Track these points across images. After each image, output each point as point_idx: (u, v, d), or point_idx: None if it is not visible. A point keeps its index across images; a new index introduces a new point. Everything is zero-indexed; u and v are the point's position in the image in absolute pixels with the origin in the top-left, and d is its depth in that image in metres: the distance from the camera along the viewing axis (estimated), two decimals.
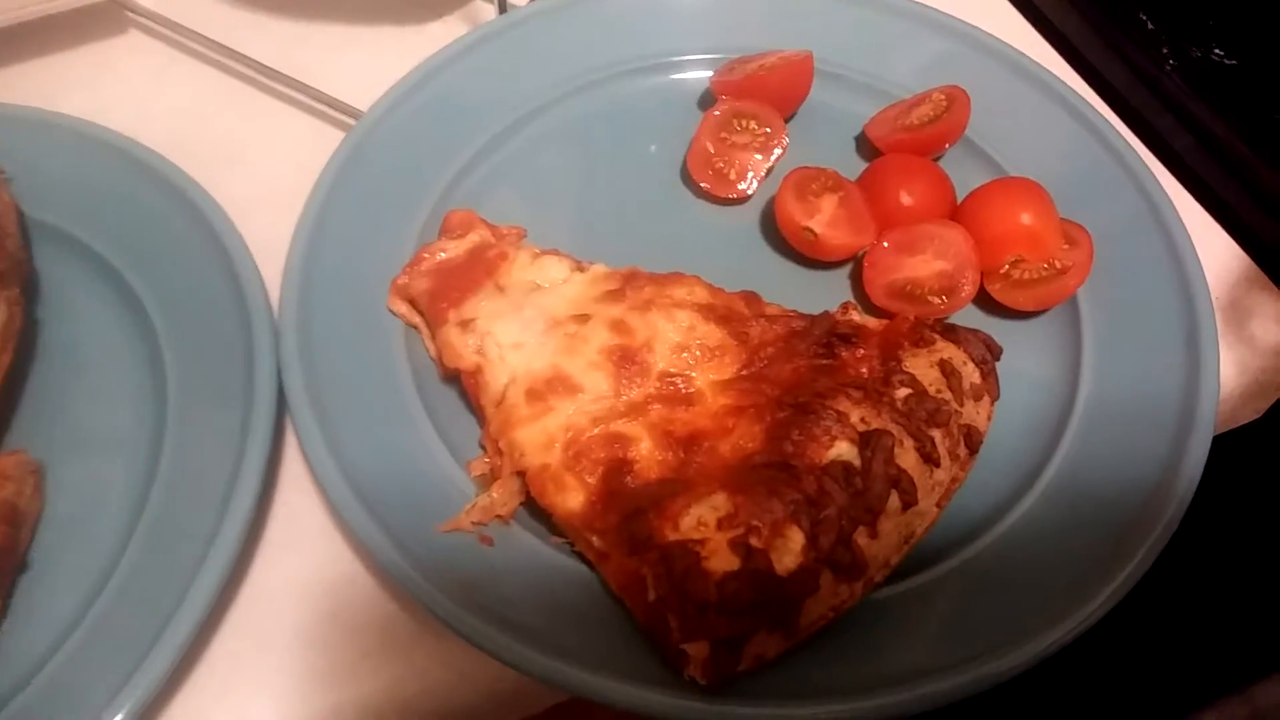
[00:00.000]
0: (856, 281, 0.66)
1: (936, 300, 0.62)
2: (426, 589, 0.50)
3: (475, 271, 0.61)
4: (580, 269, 0.62)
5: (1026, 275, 0.63)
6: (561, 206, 0.70)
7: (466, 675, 0.55)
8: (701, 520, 0.48)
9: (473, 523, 0.54)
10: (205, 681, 0.53)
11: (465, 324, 0.59)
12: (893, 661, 0.50)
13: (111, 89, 0.79)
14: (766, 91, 0.70)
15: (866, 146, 0.73)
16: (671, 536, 0.48)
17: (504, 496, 0.55)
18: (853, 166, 0.71)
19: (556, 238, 0.67)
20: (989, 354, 0.58)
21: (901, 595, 0.52)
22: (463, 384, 0.59)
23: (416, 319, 0.63)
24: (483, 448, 0.58)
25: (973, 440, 0.55)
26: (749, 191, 0.70)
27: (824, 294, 0.66)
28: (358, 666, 0.55)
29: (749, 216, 0.70)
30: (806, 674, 0.49)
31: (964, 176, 0.69)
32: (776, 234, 0.68)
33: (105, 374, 0.61)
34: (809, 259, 0.67)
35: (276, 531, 0.58)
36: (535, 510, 0.56)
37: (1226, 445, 0.63)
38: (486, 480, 0.57)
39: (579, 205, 0.71)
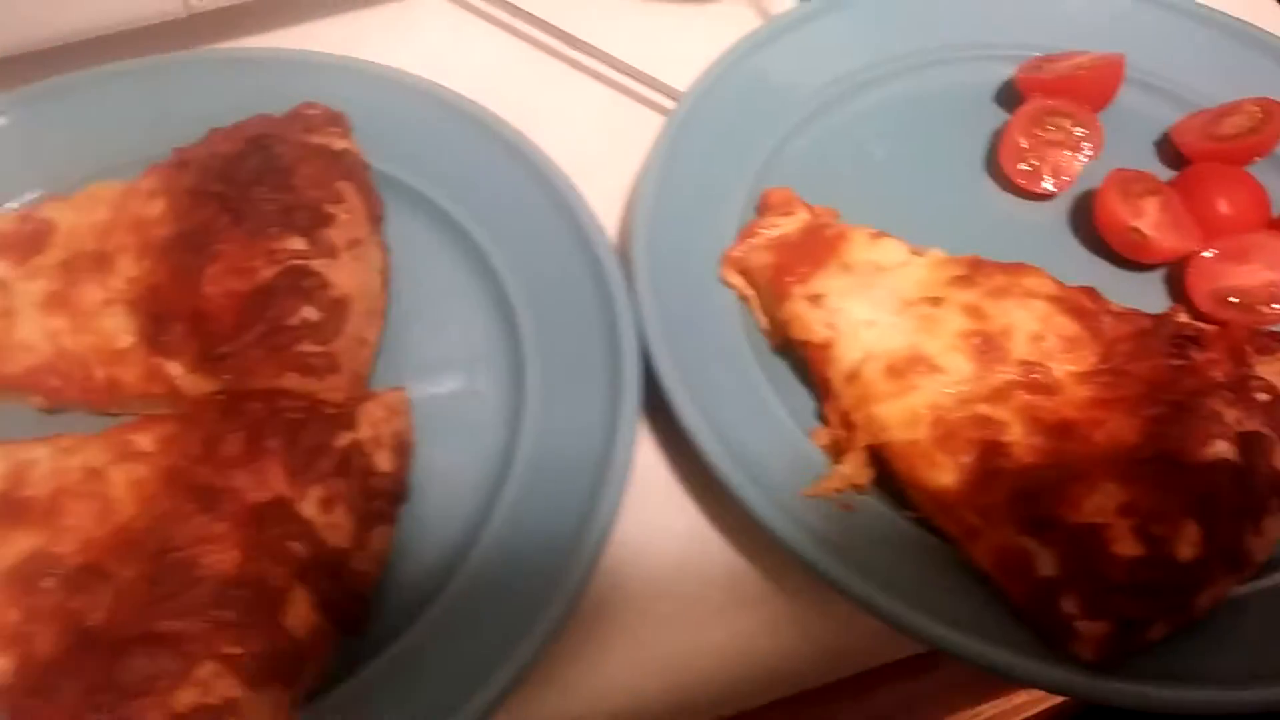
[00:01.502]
0: (1171, 285, 0.68)
1: (1267, 309, 0.63)
2: (808, 546, 0.52)
3: (819, 249, 0.63)
4: (916, 253, 0.63)
5: None
6: (866, 190, 0.72)
7: (812, 634, 0.57)
8: (1102, 506, 0.50)
9: (834, 489, 0.56)
10: (570, 624, 0.55)
11: (815, 299, 0.61)
12: (1252, 656, 0.52)
13: (406, 48, 0.81)
14: (1078, 91, 0.72)
15: (1166, 152, 0.74)
16: (1074, 519, 0.50)
17: (857, 468, 0.57)
18: (1151, 171, 0.72)
19: (861, 221, 0.68)
20: None
21: (1259, 592, 0.54)
22: (805, 357, 0.61)
23: (749, 291, 0.65)
24: (821, 419, 0.61)
25: None
26: (1059, 189, 0.71)
27: (1135, 296, 0.66)
28: (711, 618, 0.57)
29: (1053, 213, 0.72)
30: (1175, 659, 0.51)
31: (1273, 191, 0.69)
32: (1085, 232, 0.69)
33: (457, 323, 0.64)
34: (1118, 260, 0.69)
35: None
36: (882, 483, 0.58)
37: None
38: (831, 450, 0.59)
39: (883, 189, 0.72)
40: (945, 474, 0.54)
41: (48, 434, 0.57)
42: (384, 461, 0.55)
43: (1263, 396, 0.56)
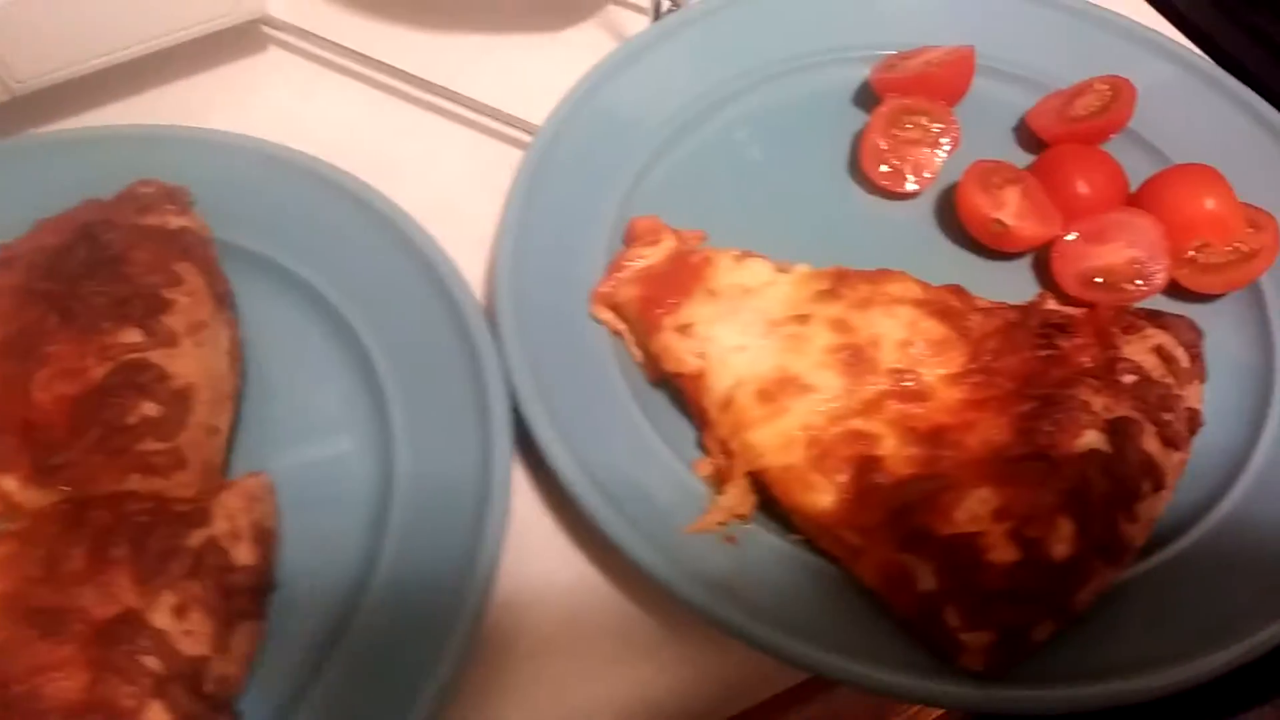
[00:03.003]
0: (1039, 272, 0.68)
1: (1131, 286, 0.63)
2: (692, 588, 0.51)
3: (684, 277, 0.62)
4: (782, 270, 0.62)
5: (1213, 259, 0.64)
6: (732, 208, 0.71)
7: (710, 672, 0.56)
8: (975, 514, 0.49)
9: (717, 523, 0.55)
10: (462, 691, 0.54)
11: (684, 329, 0.59)
12: (1128, 647, 0.51)
13: (256, 108, 0.79)
14: (932, 87, 0.72)
15: (1025, 137, 0.74)
16: (947, 531, 0.49)
17: (739, 497, 0.56)
18: (1014, 157, 0.73)
19: (732, 239, 0.67)
20: (1195, 337, 0.60)
21: (1140, 576, 0.54)
22: (679, 388, 0.60)
23: (621, 325, 0.63)
24: (702, 449, 0.59)
25: (1194, 423, 0.57)
26: (922, 187, 0.71)
27: (1007, 285, 0.67)
28: (604, 670, 0.56)
29: (920, 210, 0.71)
30: (1066, 656, 0.50)
31: (1130, 165, 0.70)
32: (951, 227, 0.69)
33: (319, 391, 0.61)
34: (986, 251, 0.68)
35: (508, 539, 0.59)
36: (768, 508, 0.57)
37: None
38: (714, 480, 0.58)
39: (750, 206, 0.71)
40: (822, 496, 0.53)
41: None
42: (244, 554, 0.52)
43: (1129, 378, 0.55)
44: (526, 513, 0.60)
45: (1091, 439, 0.52)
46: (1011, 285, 0.67)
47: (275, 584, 0.55)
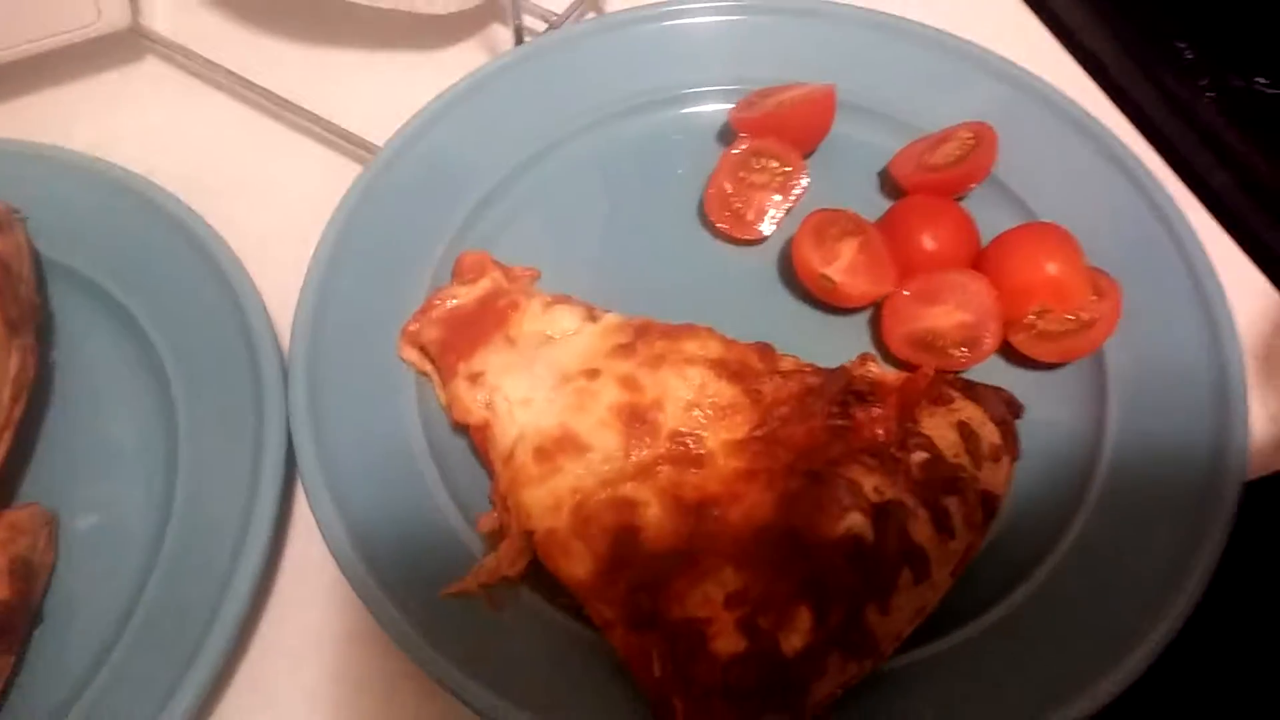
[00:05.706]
0: (876, 328, 0.65)
1: (957, 352, 0.60)
2: (432, 657, 0.50)
3: (485, 322, 0.60)
4: (592, 318, 0.61)
5: (1051, 326, 0.61)
6: (576, 246, 0.69)
7: None
8: (709, 597, 0.47)
9: (480, 585, 0.54)
10: None
11: (474, 377, 0.58)
12: None
13: (126, 120, 0.79)
14: (787, 128, 0.69)
15: (890, 183, 0.71)
16: (677, 614, 0.47)
17: (511, 556, 0.54)
18: (876, 204, 0.70)
19: (571, 279, 0.66)
20: (1010, 413, 0.56)
21: (908, 666, 0.51)
22: (471, 438, 0.59)
23: (428, 367, 0.62)
24: (492, 503, 0.58)
25: (990, 505, 0.54)
26: (767, 234, 0.68)
27: (843, 341, 0.64)
28: None
29: (767, 258, 0.69)
30: None
31: (990, 217, 0.67)
32: (795, 277, 0.66)
33: (119, 420, 0.62)
34: (825, 306, 0.66)
35: (287, 584, 0.58)
36: (542, 570, 0.55)
37: (1260, 492, 0.60)
38: (496, 537, 0.56)
39: (594, 245, 0.69)
40: (580, 564, 0.51)
41: None
42: None
43: (920, 455, 0.53)
44: (313, 559, 0.59)
45: (854, 522, 0.49)
46: (848, 342, 0.64)
47: (39, 618, 0.55)
